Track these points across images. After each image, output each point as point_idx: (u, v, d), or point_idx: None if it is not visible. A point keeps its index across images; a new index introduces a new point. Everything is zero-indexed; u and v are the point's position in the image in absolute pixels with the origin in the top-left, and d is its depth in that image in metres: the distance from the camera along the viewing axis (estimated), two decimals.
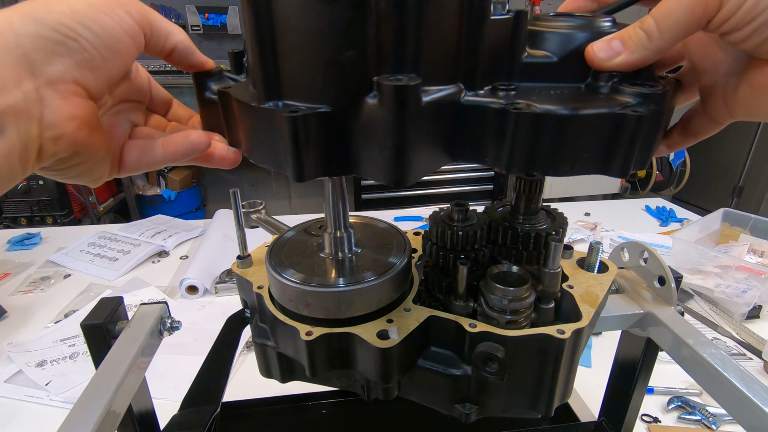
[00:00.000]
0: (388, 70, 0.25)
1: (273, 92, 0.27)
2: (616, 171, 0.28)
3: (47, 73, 0.24)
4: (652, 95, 0.27)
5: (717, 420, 0.70)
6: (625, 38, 0.28)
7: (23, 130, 0.23)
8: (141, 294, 1.07)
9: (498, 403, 0.39)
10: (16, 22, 0.23)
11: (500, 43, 0.29)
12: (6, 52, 0.22)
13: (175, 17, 2.87)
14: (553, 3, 3.27)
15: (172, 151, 0.31)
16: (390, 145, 0.26)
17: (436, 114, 0.27)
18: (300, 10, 0.25)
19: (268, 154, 0.29)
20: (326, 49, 0.25)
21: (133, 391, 0.39)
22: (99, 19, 0.25)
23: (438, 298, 0.42)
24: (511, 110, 0.26)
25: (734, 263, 1.04)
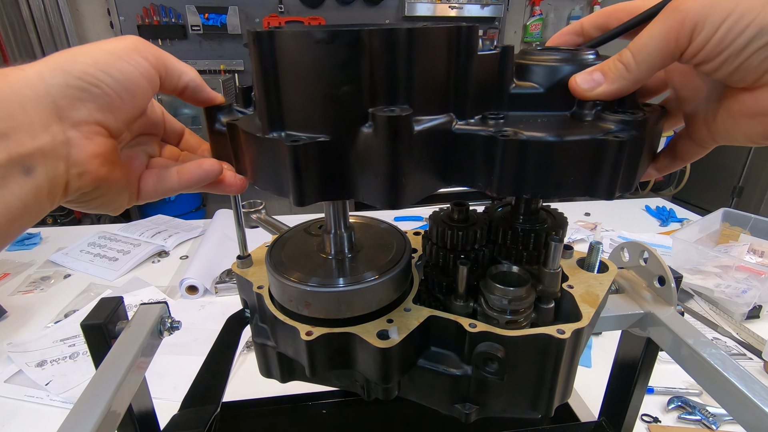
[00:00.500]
0: (382, 102, 0.27)
1: (276, 123, 0.29)
2: (602, 194, 0.29)
3: (73, 117, 0.26)
4: (633, 122, 0.28)
5: (717, 420, 0.70)
6: (605, 70, 0.30)
7: (51, 169, 0.26)
8: (141, 294, 1.07)
9: (498, 403, 0.39)
10: (46, 74, 0.26)
11: (489, 76, 0.31)
12: (37, 100, 0.25)
13: (175, 17, 2.87)
14: (553, 3, 3.28)
15: (187, 179, 0.34)
16: (384, 172, 0.27)
17: (428, 142, 0.29)
18: (300, 51, 0.27)
19: (271, 181, 0.31)
20: (324, 85, 0.27)
21: (133, 391, 0.39)
22: (119, 66, 0.28)
23: (438, 298, 0.42)
24: (499, 137, 0.28)
25: (734, 263, 1.04)
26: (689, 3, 0.26)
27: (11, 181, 0.24)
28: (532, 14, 3.24)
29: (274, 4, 2.92)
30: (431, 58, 0.28)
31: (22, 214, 0.25)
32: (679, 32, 0.27)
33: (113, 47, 0.29)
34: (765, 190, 3.08)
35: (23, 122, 0.24)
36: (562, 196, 0.30)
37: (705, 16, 0.26)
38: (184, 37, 2.91)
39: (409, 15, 3.00)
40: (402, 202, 0.28)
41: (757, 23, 0.25)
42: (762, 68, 0.26)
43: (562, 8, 3.32)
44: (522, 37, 3.34)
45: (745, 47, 0.26)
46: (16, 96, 0.24)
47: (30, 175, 0.25)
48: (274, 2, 2.92)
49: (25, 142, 0.24)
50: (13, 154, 0.24)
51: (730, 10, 0.25)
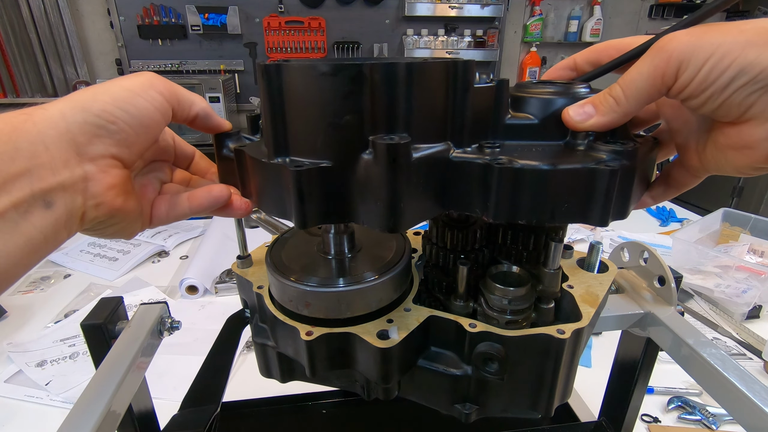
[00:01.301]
0: (382, 130, 0.29)
1: (281, 150, 0.31)
2: (596, 221, 0.30)
3: (90, 152, 0.28)
4: (624, 152, 0.29)
5: (717, 420, 0.70)
6: (597, 103, 0.31)
7: (69, 202, 0.27)
8: (141, 294, 1.06)
9: (498, 403, 0.39)
10: (67, 112, 0.28)
11: (486, 107, 0.32)
12: (59, 138, 0.27)
13: (175, 17, 2.87)
14: (553, 3, 3.28)
15: (198, 205, 0.36)
16: (384, 197, 0.29)
17: (426, 169, 0.30)
18: (305, 83, 0.28)
19: (275, 204, 0.33)
20: (327, 115, 0.29)
21: (133, 391, 0.39)
22: (135, 102, 0.30)
23: (438, 298, 0.42)
24: (494, 165, 0.29)
25: (734, 263, 1.04)
26: (675, 43, 0.28)
27: (33, 214, 0.26)
28: (532, 14, 3.24)
29: (274, 4, 2.92)
30: (429, 91, 0.30)
31: (41, 245, 0.27)
32: (665, 70, 0.28)
33: (130, 84, 0.31)
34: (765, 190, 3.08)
35: (46, 160, 0.26)
36: (557, 222, 0.31)
37: (690, 55, 0.27)
38: (184, 37, 2.91)
39: (409, 15, 3.00)
40: (401, 226, 0.30)
41: (738, 63, 0.26)
42: (744, 105, 0.28)
43: (562, 8, 3.32)
44: (522, 37, 3.34)
45: (728, 85, 0.27)
46: (40, 136, 0.26)
47: (50, 209, 0.27)
48: (274, 2, 2.92)
49: (46, 178, 0.26)
50: (36, 190, 0.26)
51: (713, 51, 0.27)
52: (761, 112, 0.28)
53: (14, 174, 0.25)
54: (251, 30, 2.96)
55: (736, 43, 0.26)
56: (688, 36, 0.28)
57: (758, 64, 0.26)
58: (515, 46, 3.37)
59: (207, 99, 2.59)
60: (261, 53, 3.02)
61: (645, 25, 3.44)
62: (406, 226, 0.30)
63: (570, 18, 3.31)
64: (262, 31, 2.96)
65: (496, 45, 3.16)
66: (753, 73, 0.26)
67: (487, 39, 3.16)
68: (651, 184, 0.38)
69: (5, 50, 2.80)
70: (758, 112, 0.28)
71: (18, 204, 0.25)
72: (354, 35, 3.07)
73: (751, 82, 0.27)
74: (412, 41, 3.09)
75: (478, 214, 0.32)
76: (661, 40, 0.29)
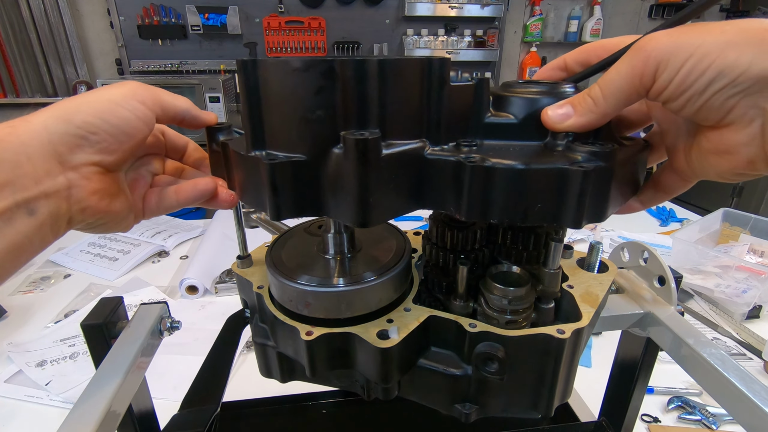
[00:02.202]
0: (353, 126, 0.29)
1: (258, 143, 0.31)
2: (569, 222, 0.30)
3: (72, 161, 0.30)
4: (601, 153, 0.29)
5: (717, 420, 0.70)
6: (575, 103, 0.30)
7: (53, 208, 0.29)
8: (141, 294, 1.07)
9: (498, 403, 0.39)
10: (50, 124, 0.29)
11: (465, 106, 0.32)
12: (41, 149, 0.28)
13: (175, 17, 2.87)
14: (553, 3, 3.28)
15: (185, 198, 0.37)
16: (352, 191, 0.29)
17: (398, 165, 0.30)
18: (279, 78, 0.29)
19: (253, 196, 0.33)
20: (300, 109, 0.29)
21: (133, 391, 0.39)
22: (117, 113, 0.31)
23: (438, 298, 0.42)
24: (465, 163, 0.29)
25: (734, 263, 1.04)
26: (653, 43, 0.27)
27: (16, 221, 0.27)
28: (532, 14, 3.24)
29: (274, 4, 2.92)
30: (402, 88, 0.30)
31: (27, 248, 0.29)
32: (643, 71, 0.27)
33: (112, 95, 0.32)
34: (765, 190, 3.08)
35: (28, 171, 0.28)
36: (530, 223, 0.31)
37: (668, 56, 0.26)
38: (184, 37, 2.91)
39: (409, 15, 3.00)
40: (370, 221, 0.30)
41: (716, 66, 0.25)
42: (724, 108, 0.27)
43: (562, 8, 3.32)
44: (522, 37, 3.34)
45: (707, 88, 0.26)
46: (23, 147, 0.28)
47: (33, 215, 0.28)
48: (274, 2, 2.92)
49: (29, 187, 0.28)
50: (19, 199, 0.27)
51: (692, 52, 0.26)
52: (741, 116, 0.27)
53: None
54: (251, 30, 2.97)
55: (716, 44, 0.25)
56: (667, 36, 0.27)
57: (737, 67, 0.25)
58: (515, 46, 3.37)
59: (207, 99, 2.60)
60: (261, 53, 3.02)
61: (645, 25, 3.44)
62: (377, 221, 0.30)
63: (570, 18, 3.32)
64: (262, 31, 2.96)
65: (496, 45, 3.16)
66: (732, 75, 0.25)
67: (487, 39, 3.16)
68: (641, 188, 0.37)
69: (5, 50, 2.80)
70: (738, 116, 0.27)
71: (1, 213, 0.27)
72: (354, 35, 3.07)
73: (730, 85, 0.26)
74: (412, 41, 3.09)
75: (452, 212, 0.32)
76: (640, 41, 0.28)
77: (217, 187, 0.38)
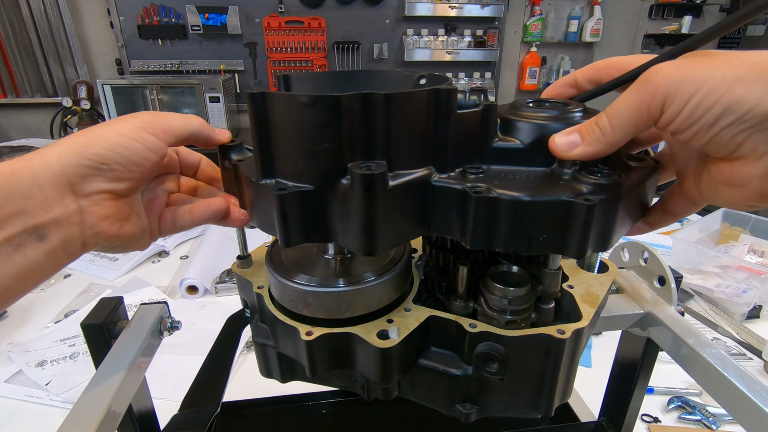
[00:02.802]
0: (360, 157, 0.30)
1: (268, 172, 0.32)
2: (573, 253, 0.30)
3: (84, 190, 0.31)
4: (607, 185, 0.29)
5: (717, 420, 0.70)
6: (583, 132, 0.30)
7: (65, 234, 0.31)
8: (141, 294, 1.07)
9: (498, 403, 0.39)
10: (63, 157, 0.30)
11: (472, 131, 0.32)
12: (53, 180, 0.30)
13: (175, 17, 2.87)
14: (553, 3, 3.28)
15: (199, 217, 0.38)
16: (359, 223, 0.30)
17: (405, 195, 0.31)
18: (287, 111, 0.30)
19: (264, 220, 0.34)
20: (308, 142, 0.30)
21: (133, 391, 0.39)
22: (127, 145, 0.33)
23: (438, 298, 0.42)
24: (471, 193, 0.29)
25: (734, 263, 1.04)
26: (660, 76, 0.27)
27: (26, 247, 0.29)
28: (532, 14, 3.24)
29: (274, 4, 2.92)
30: (408, 120, 0.30)
31: (35, 272, 0.30)
32: (651, 103, 0.27)
33: (123, 128, 0.33)
34: None
35: (39, 200, 0.29)
36: (535, 252, 0.31)
37: (675, 89, 0.26)
38: (184, 37, 2.91)
39: (409, 15, 3.00)
40: (377, 249, 0.30)
41: (723, 102, 0.25)
42: (733, 143, 0.26)
43: (562, 8, 3.32)
44: (522, 37, 3.34)
45: (714, 123, 0.26)
46: (35, 180, 0.29)
47: (43, 241, 0.30)
48: (274, 2, 2.92)
49: (39, 215, 0.29)
50: (28, 226, 0.29)
51: (699, 86, 0.25)
52: (752, 151, 0.26)
53: (8, 214, 0.28)
54: (251, 30, 2.96)
55: (724, 79, 0.25)
56: (674, 69, 0.27)
57: (746, 103, 0.24)
58: (515, 46, 3.37)
59: (207, 99, 2.60)
60: (261, 53, 3.02)
61: (645, 25, 3.44)
62: (383, 249, 0.31)
63: (570, 18, 3.31)
64: (262, 31, 2.96)
65: (496, 45, 3.16)
66: (741, 111, 0.25)
67: (487, 39, 3.16)
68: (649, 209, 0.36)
69: (5, 50, 2.80)
70: (749, 151, 0.26)
71: (11, 238, 0.28)
72: (354, 35, 3.07)
73: (738, 121, 0.25)
74: (412, 41, 3.09)
75: (458, 238, 0.32)
76: (647, 72, 0.28)
77: (229, 206, 0.39)
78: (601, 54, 3.49)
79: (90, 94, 2.85)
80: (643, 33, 3.47)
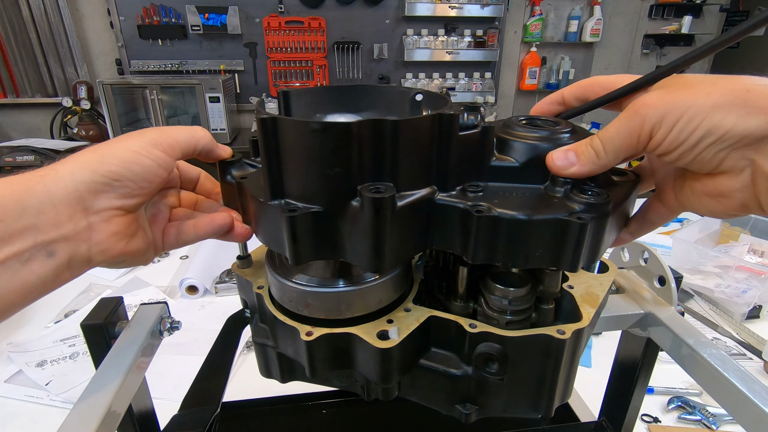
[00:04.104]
0: (369, 179, 0.31)
1: (277, 193, 0.33)
2: (567, 266, 0.32)
3: (95, 207, 0.32)
4: (596, 205, 0.31)
5: (717, 420, 0.70)
6: (579, 152, 0.33)
7: (72, 250, 0.31)
8: (141, 294, 1.07)
9: (498, 404, 0.39)
10: (76, 173, 0.31)
11: (471, 151, 0.34)
12: (66, 197, 0.30)
13: (175, 17, 2.87)
14: (553, 3, 3.28)
15: (203, 232, 0.39)
16: (369, 243, 0.31)
17: (411, 214, 0.32)
18: (298, 137, 0.30)
19: (272, 238, 0.35)
20: (318, 166, 0.30)
21: (133, 391, 0.39)
22: (139, 161, 0.33)
23: (438, 298, 0.42)
24: (473, 213, 0.31)
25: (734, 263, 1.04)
26: (648, 108, 0.30)
27: (34, 262, 0.29)
28: (532, 14, 3.24)
29: (274, 4, 2.92)
30: (414, 144, 0.31)
31: (39, 287, 0.30)
32: (641, 132, 0.30)
33: (134, 145, 0.34)
34: None
35: (51, 216, 0.30)
36: (531, 266, 0.33)
37: (661, 118, 0.29)
38: (184, 37, 2.91)
39: (409, 15, 3.00)
40: (385, 267, 0.32)
41: (704, 126, 0.28)
42: (715, 160, 0.30)
43: (562, 8, 3.32)
44: (522, 37, 3.34)
45: (697, 144, 0.29)
46: (48, 196, 0.30)
47: (52, 257, 0.30)
48: (274, 2, 2.92)
49: (49, 231, 0.30)
50: (39, 242, 0.29)
51: (682, 114, 0.29)
52: (732, 167, 0.29)
53: (19, 229, 0.28)
54: (251, 30, 2.97)
55: (704, 106, 0.28)
56: (659, 101, 0.30)
57: (723, 126, 0.28)
58: (515, 46, 3.37)
59: (207, 99, 2.60)
60: (261, 53, 3.02)
61: (645, 25, 3.45)
62: (391, 266, 0.32)
63: (570, 18, 3.31)
64: (262, 31, 2.96)
65: (496, 45, 3.16)
66: (719, 133, 0.28)
67: (487, 39, 3.16)
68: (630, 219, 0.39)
69: (5, 50, 2.80)
70: (730, 167, 0.29)
71: (20, 253, 0.29)
72: (354, 35, 3.07)
73: (718, 142, 0.28)
74: (412, 41, 3.09)
75: (459, 253, 0.33)
76: (635, 103, 0.31)
77: (233, 221, 0.40)
78: (601, 54, 3.50)
79: (90, 94, 2.85)
80: (643, 33, 3.47)
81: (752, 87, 0.27)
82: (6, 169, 2.22)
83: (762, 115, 0.27)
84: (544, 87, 3.46)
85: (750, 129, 0.27)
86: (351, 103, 0.42)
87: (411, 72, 3.19)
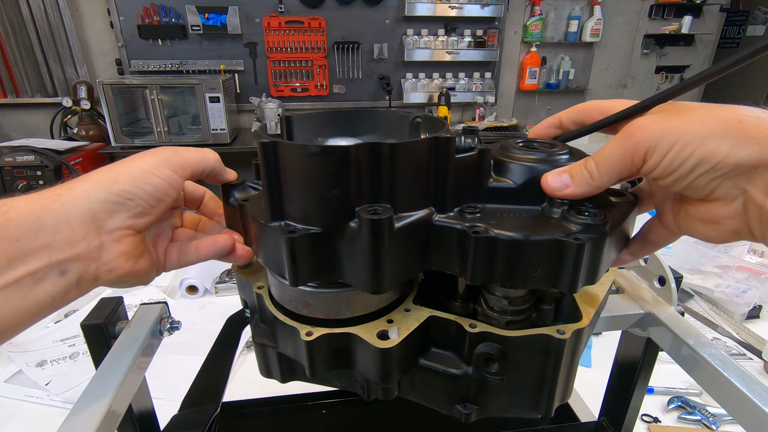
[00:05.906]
0: (367, 200, 0.31)
1: (277, 215, 0.33)
2: (565, 287, 0.32)
3: (108, 226, 0.32)
4: (594, 225, 0.31)
5: (717, 420, 0.70)
6: (573, 174, 0.33)
7: (83, 269, 0.31)
8: (141, 294, 1.07)
9: (498, 404, 0.39)
10: (91, 192, 0.31)
11: (469, 173, 0.34)
12: (81, 216, 0.31)
13: (175, 17, 2.87)
14: (553, 3, 3.28)
15: (205, 254, 0.40)
16: (367, 263, 0.31)
17: (409, 235, 0.32)
18: (297, 160, 0.31)
19: (272, 260, 0.35)
20: (317, 188, 0.31)
21: (133, 391, 0.39)
22: (150, 180, 0.34)
23: (438, 298, 0.42)
24: (470, 234, 0.31)
25: (734, 263, 1.04)
26: (642, 131, 0.30)
27: (46, 281, 0.29)
28: (532, 14, 3.24)
29: (274, 4, 2.92)
30: (411, 167, 0.32)
31: (48, 306, 0.30)
32: (634, 155, 0.30)
33: (146, 164, 0.34)
34: None
35: (66, 235, 0.30)
36: (530, 287, 0.33)
37: (655, 143, 0.29)
38: (184, 37, 2.91)
39: (409, 15, 3.00)
40: (384, 287, 0.32)
41: (697, 154, 0.28)
42: (708, 188, 0.30)
43: (562, 8, 3.32)
44: (522, 37, 3.34)
45: (690, 172, 0.29)
46: (65, 215, 0.30)
47: (64, 276, 0.30)
48: (274, 2, 2.92)
49: (64, 250, 0.30)
50: (53, 261, 0.29)
51: (676, 140, 0.29)
52: (725, 195, 0.30)
53: (35, 248, 0.29)
54: (251, 30, 2.97)
55: (698, 134, 0.28)
56: (654, 124, 0.30)
57: (716, 155, 0.28)
58: (515, 46, 3.37)
59: (207, 99, 2.60)
60: (261, 53, 3.02)
61: (645, 25, 3.45)
62: (388, 287, 0.32)
63: (570, 18, 3.32)
64: (262, 31, 2.96)
65: (496, 45, 3.16)
66: (712, 162, 0.28)
67: (487, 39, 3.16)
68: (630, 240, 0.39)
69: (5, 50, 2.80)
70: (722, 194, 0.30)
71: (34, 272, 0.29)
72: (354, 35, 3.07)
73: (711, 170, 0.28)
74: (412, 41, 3.09)
75: (458, 274, 0.33)
76: (630, 126, 0.31)
77: (234, 243, 0.40)
78: (601, 54, 3.50)
79: (90, 94, 2.85)
80: (643, 33, 3.47)
81: (745, 118, 0.28)
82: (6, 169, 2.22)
83: (754, 145, 0.27)
84: (544, 87, 3.47)
85: (743, 159, 0.27)
86: (352, 127, 0.43)
87: (411, 72, 3.19)
